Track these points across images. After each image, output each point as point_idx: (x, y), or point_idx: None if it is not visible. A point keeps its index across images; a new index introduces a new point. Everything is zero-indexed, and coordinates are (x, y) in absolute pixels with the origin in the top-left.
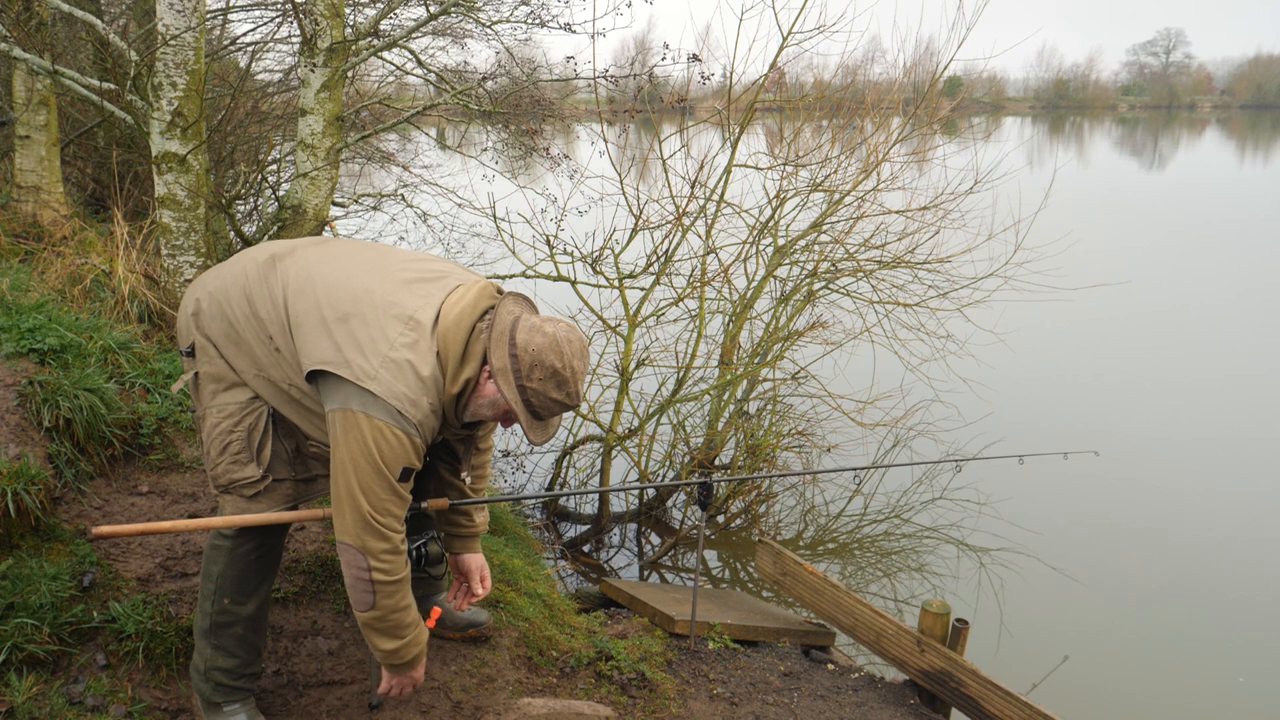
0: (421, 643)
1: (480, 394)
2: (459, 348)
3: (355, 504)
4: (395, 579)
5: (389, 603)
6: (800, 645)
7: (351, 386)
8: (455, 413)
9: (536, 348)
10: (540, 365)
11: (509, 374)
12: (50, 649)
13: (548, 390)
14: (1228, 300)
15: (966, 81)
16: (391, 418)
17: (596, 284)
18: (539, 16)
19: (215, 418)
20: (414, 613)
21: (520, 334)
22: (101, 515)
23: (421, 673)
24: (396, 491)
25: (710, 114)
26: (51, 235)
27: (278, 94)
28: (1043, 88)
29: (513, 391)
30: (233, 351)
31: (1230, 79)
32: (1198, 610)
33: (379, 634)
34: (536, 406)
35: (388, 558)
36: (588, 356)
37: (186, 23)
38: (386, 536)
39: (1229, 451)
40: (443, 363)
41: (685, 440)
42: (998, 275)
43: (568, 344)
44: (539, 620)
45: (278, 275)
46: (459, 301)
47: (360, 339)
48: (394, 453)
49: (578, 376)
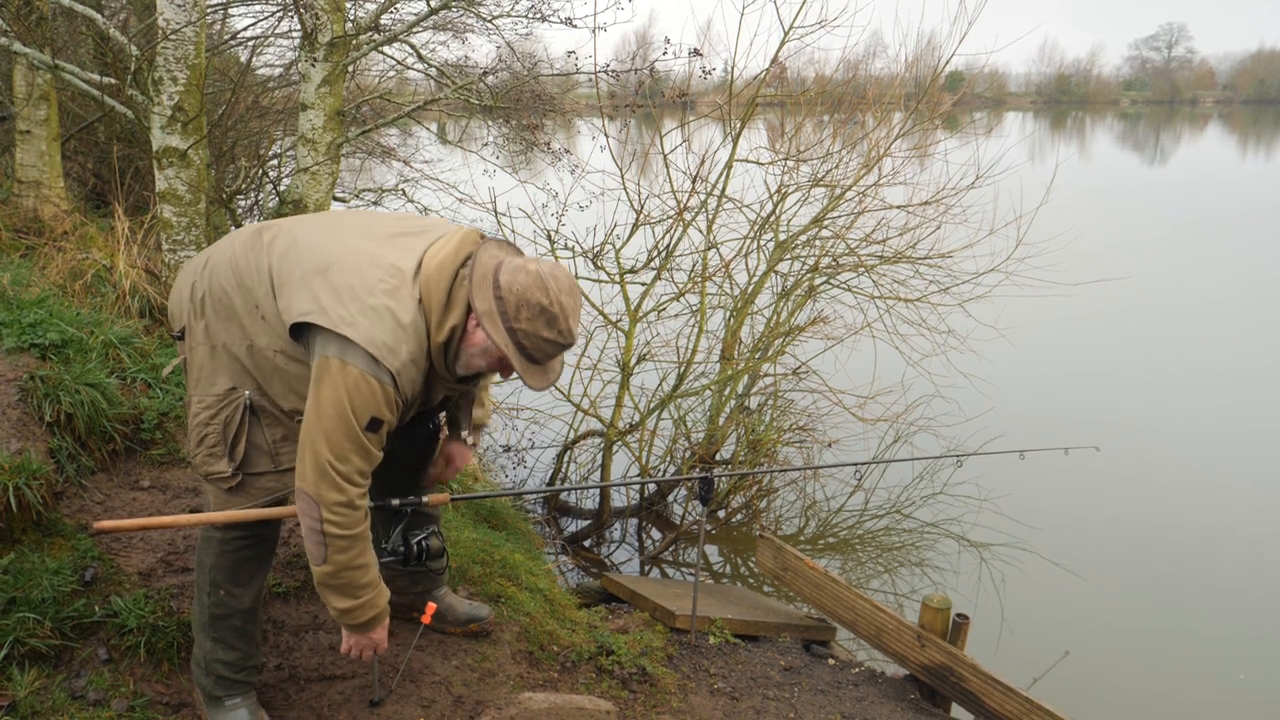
0: (380, 605)
1: (470, 342)
2: (442, 295)
3: (315, 450)
4: (348, 534)
5: (341, 558)
6: (801, 640)
7: (329, 334)
8: (446, 364)
9: (521, 287)
10: (527, 304)
11: (495, 317)
12: (52, 643)
13: (538, 330)
14: (1230, 295)
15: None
16: (366, 365)
17: (597, 279)
18: (540, 11)
19: (196, 407)
20: (372, 573)
21: (504, 276)
22: (103, 510)
23: (381, 636)
24: (361, 442)
25: (711, 109)
26: (52, 230)
27: (278, 89)
28: (1044, 83)
29: (502, 335)
30: (221, 327)
31: (1232, 74)
32: (1199, 605)
33: (332, 591)
34: (529, 349)
35: (341, 510)
36: (578, 293)
37: (187, 17)
38: (342, 488)
39: (1231, 446)
40: (426, 311)
41: (686, 435)
42: (999, 270)
43: (553, 280)
44: (540, 615)
45: (263, 243)
46: (441, 249)
47: (339, 288)
48: (363, 400)
49: (568, 313)
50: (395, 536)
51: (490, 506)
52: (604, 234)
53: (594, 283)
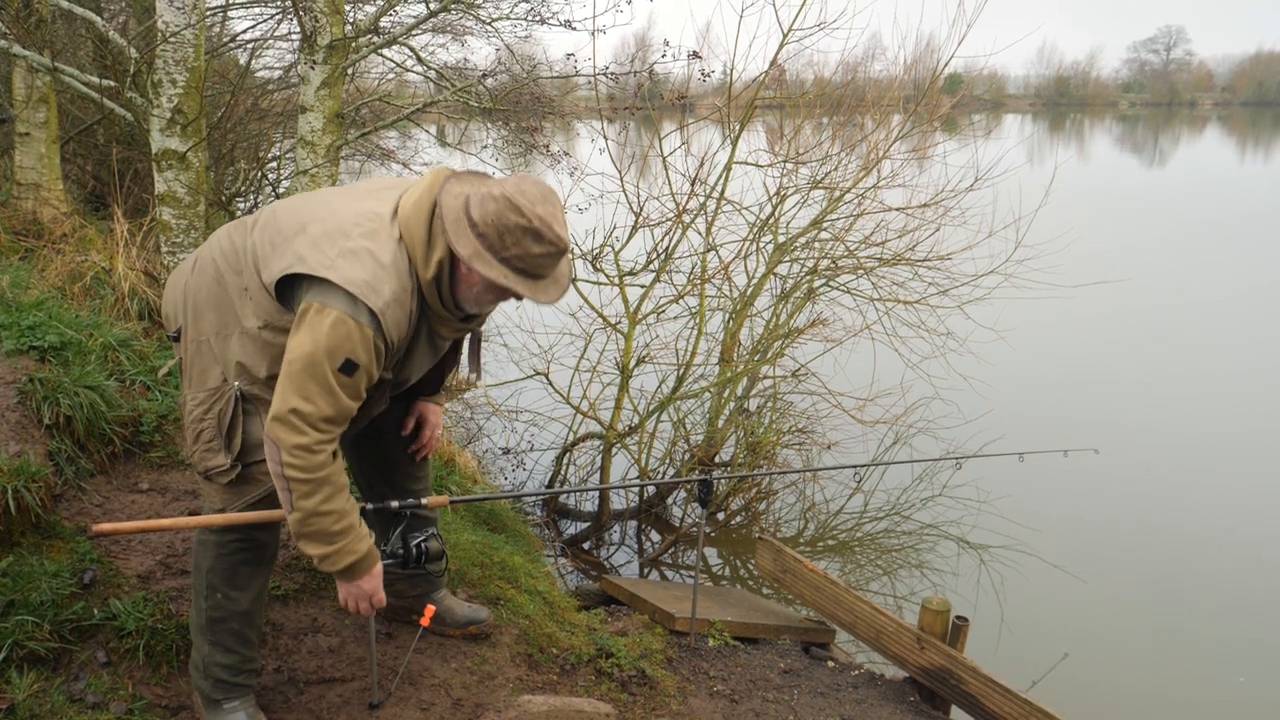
0: (358, 551)
1: (470, 281)
2: (423, 231)
3: (282, 393)
4: (309, 478)
5: (306, 504)
6: (800, 642)
7: (310, 282)
8: (444, 301)
9: (494, 215)
10: (508, 230)
11: (484, 255)
12: (51, 646)
13: (528, 249)
14: (1229, 297)
15: (967, 79)
16: (345, 306)
17: (596, 281)
18: (539, 13)
19: (190, 404)
20: (345, 520)
21: (474, 211)
22: (102, 512)
23: (372, 585)
24: (330, 386)
25: (710, 111)
26: (51, 232)
27: (278, 91)
28: (1043, 85)
29: (497, 269)
30: (210, 320)
31: (1231, 76)
32: (1198, 608)
33: (304, 539)
34: (528, 269)
35: (299, 453)
36: (552, 198)
37: (186, 20)
38: (301, 431)
39: (1230, 448)
40: (409, 249)
41: (685, 438)
42: (998, 272)
43: (521, 196)
44: (539, 617)
45: (245, 228)
46: (415, 191)
47: (317, 238)
48: (337, 341)
49: (549, 221)
50: (394, 539)
51: (489, 509)
52: (603, 236)
53: (593, 285)
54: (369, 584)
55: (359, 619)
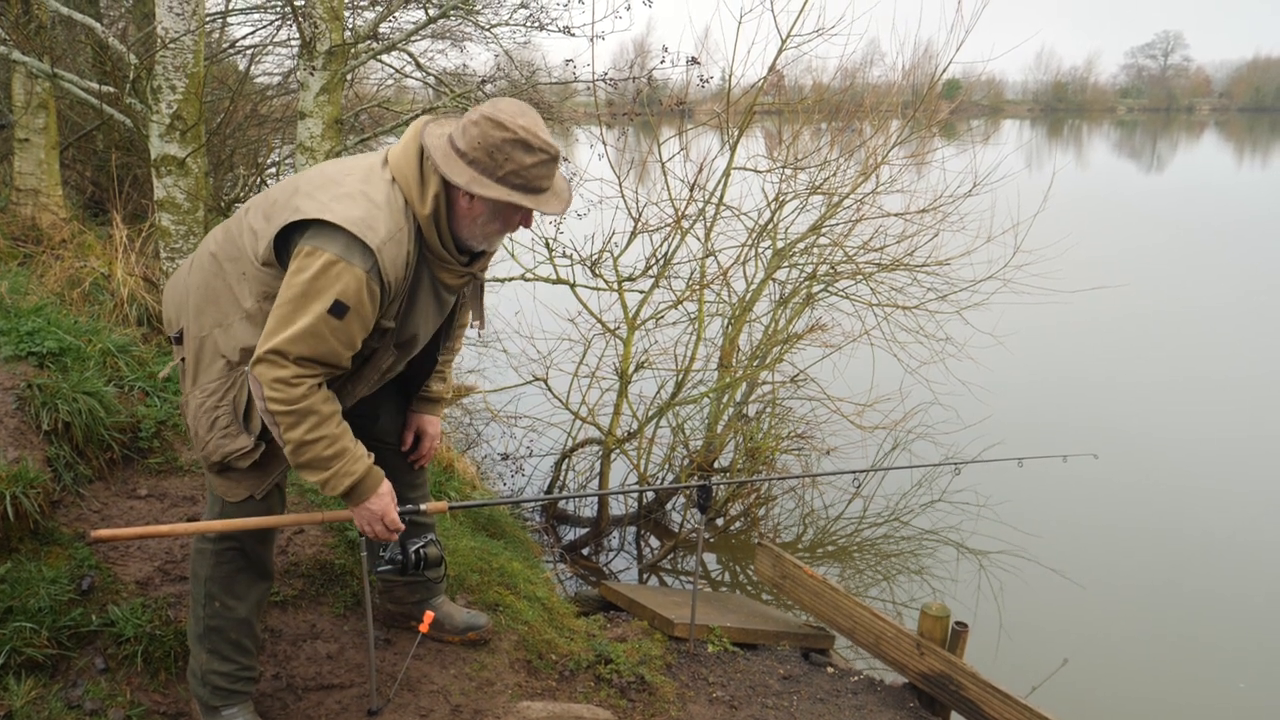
0: (356, 473)
1: (472, 213)
2: (414, 170)
3: (267, 332)
4: (292, 408)
5: (294, 435)
6: (800, 648)
7: (305, 229)
8: (444, 241)
9: (479, 138)
10: (496, 149)
11: (480, 179)
12: (49, 653)
13: (520, 161)
14: (1227, 303)
15: (965, 84)
16: (341, 248)
17: (595, 287)
18: (538, 20)
19: (199, 398)
20: (338, 444)
21: (460, 142)
22: (100, 519)
23: (382, 506)
24: (318, 328)
25: (709, 117)
26: (50, 238)
27: (277, 97)
28: (1041, 90)
29: (496, 189)
30: (210, 314)
31: (1228, 81)
32: (1198, 613)
33: (302, 469)
34: (527, 183)
35: (279, 386)
36: (531, 111)
37: (186, 26)
38: (281, 365)
39: (1229, 454)
40: (403, 189)
41: (684, 443)
42: (997, 278)
43: (502, 113)
44: (538, 623)
45: (239, 215)
46: (400, 141)
47: (311, 191)
48: (328, 283)
49: (533, 129)
50: (393, 545)
51: (488, 515)
52: (602, 242)
53: (592, 290)
54: (377, 504)
55: (358, 625)
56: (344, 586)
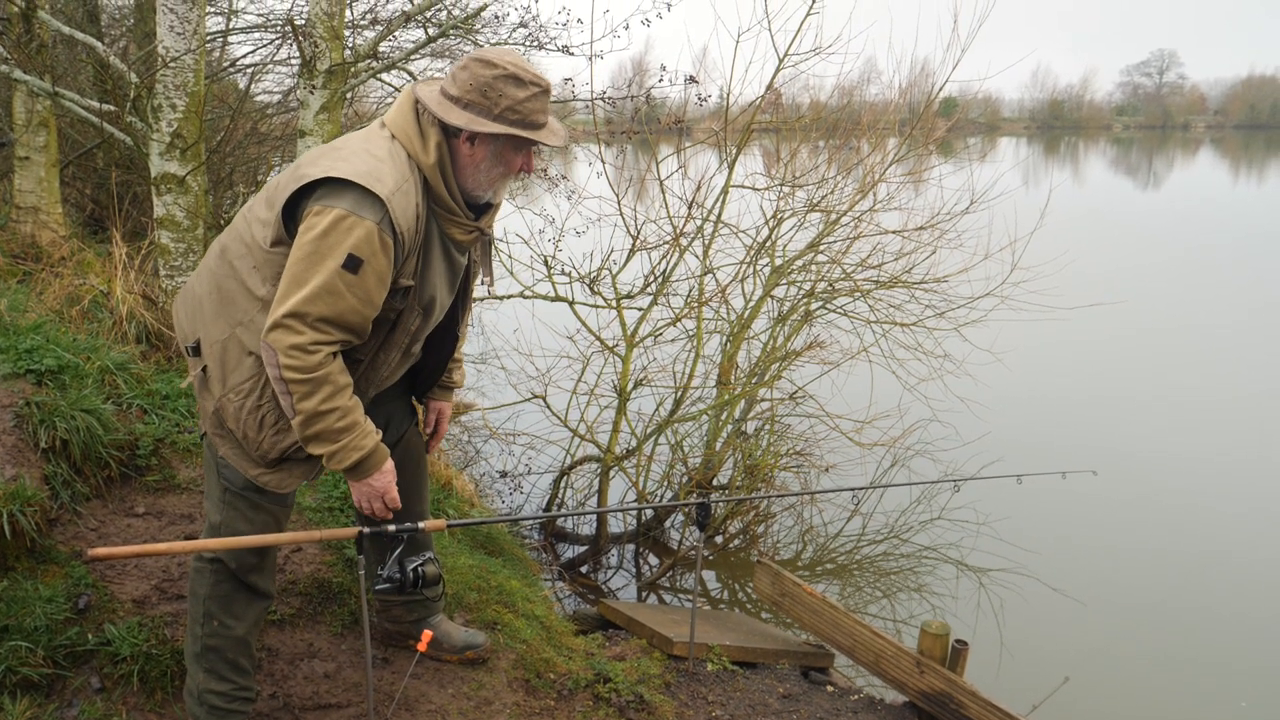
0: (364, 447)
1: (475, 159)
2: (413, 125)
3: (281, 296)
4: (307, 377)
5: (307, 405)
6: (799, 667)
7: (312, 187)
8: (452, 194)
9: (470, 80)
10: (489, 87)
11: (480, 119)
12: (44, 672)
13: (514, 95)
14: (1226, 320)
15: (962, 102)
16: (350, 203)
17: (594, 304)
18: (537, 39)
19: (236, 401)
20: (349, 418)
21: (452, 90)
22: (97, 537)
23: (384, 483)
24: (333, 284)
25: (707, 135)
26: (50, 256)
27: (277, 115)
28: (1038, 108)
29: (495, 126)
30: (227, 314)
31: (1223, 99)
32: (1199, 631)
33: (310, 441)
34: (524, 118)
35: (295, 354)
36: (511, 50)
37: (186, 45)
38: (298, 330)
39: (1228, 470)
40: (404, 143)
41: (683, 460)
42: (994, 295)
43: (489, 54)
44: (536, 642)
45: (241, 214)
46: (395, 103)
47: (313, 161)
48: (340, 237)
49: (520, 64)
50: (391, 563)
51: (487, 532)
52: (601, 259)
53: (590, 308)
54: (379, 481)
55: (356, 644)
56: (342, 605)
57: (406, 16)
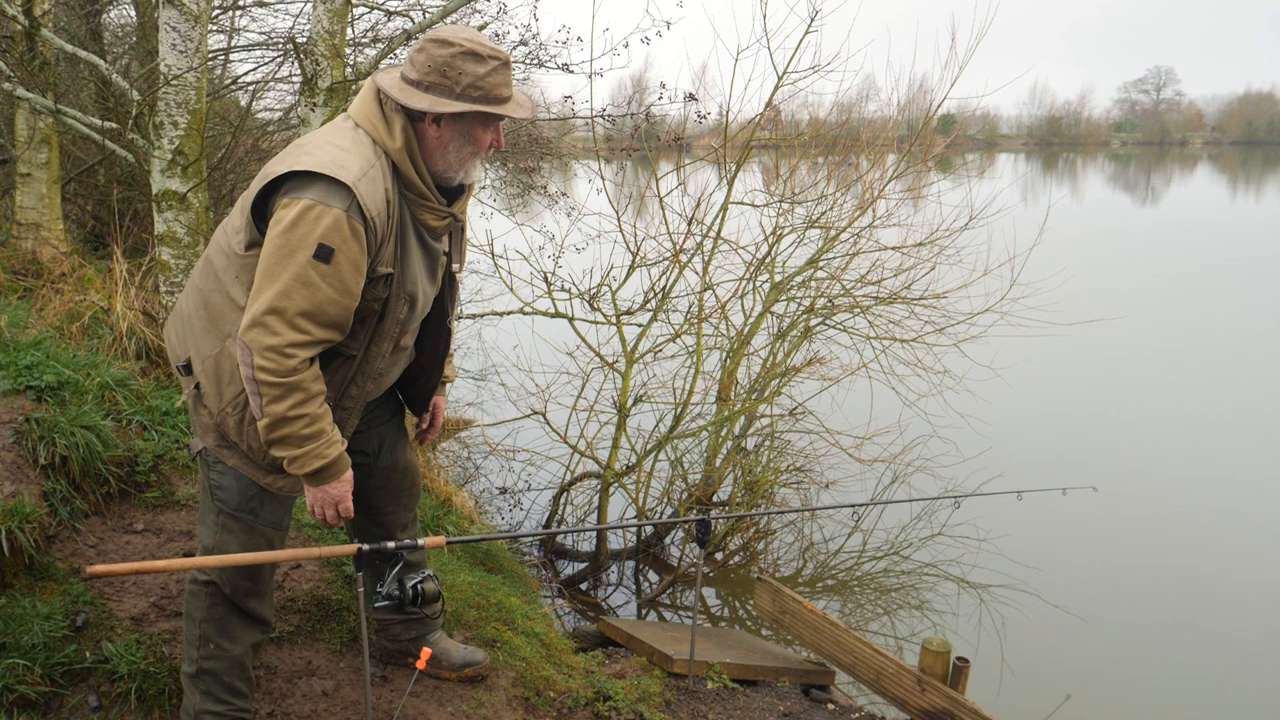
0: (328, 456)
1: (442, 141)
2: (376, 112)
3: (255, 294)
4: (280, 381)
5: (276, 409)
6: (800, 684)
7: (277, 182)
8: (422, 176)
9: (429, 62)
10: (449, 66)
11: (441, 99)
12: (42, 690)
13: (475, 71)
14: (1226, 336)
15: (960, 119)
16: (318, 192)
17: (594, 321)
18: (537, 57)
19: (235, 414)
20: (317, 425)
21: (411, 74)
22: (96, 554)
23: (340, 492)
24: (306, 276)
25: (707, 151)
26: (50, 272)
27: (278, 132)
28: (1036, 124)
29: (458, 104)
30: (214, 329)
31: (1220, 115)
32: (1201, 648)
33: (273, 444)
34: (487, 93)
35: (271, 356)
36: (467, 29)
37: (188, 63)
38: (275, 331)
39: (1229, 486)
40: (369, 132)
41: (683, 477)
42: (994, 310)
43: (443, 33)
44: (536, 660)
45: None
46: (358, 95)
47: (279, 159)
48: (308, 228)
49: (475, 40)
50: (390, 581)
51: (486, 549)
52: (600, 276)
53: (590, 324)
54: (336, 489)
55: (355, 662)
56: (340, 622)
57: (407, 35)
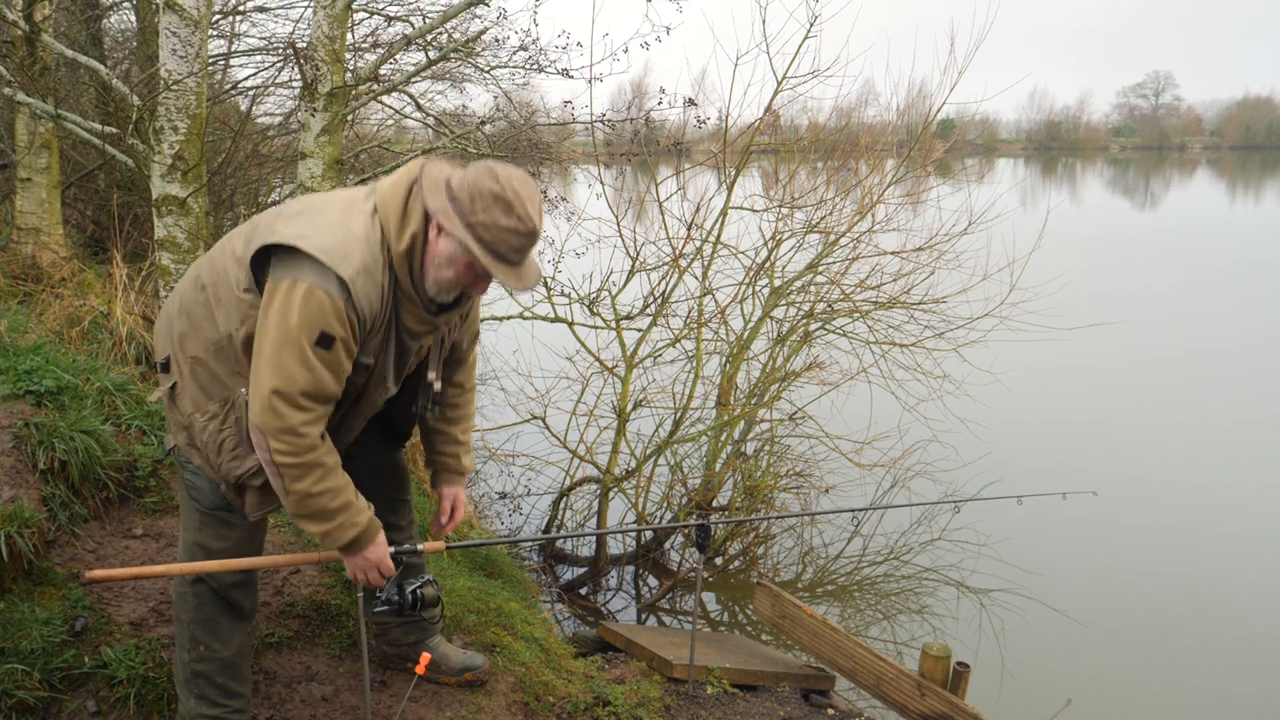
0: (359, 524)
1: (434, 253)
2: (398, 206)
3: (259, 378)
4: (299, 461)
5: (299, 487)
6: (800, 689)
7: (279, 255)
8: (414, 282)
9: (472, 179)
10: (480, 195)
11: (452, 215)
12: (40, 695)
13: (496, 220)
14: (1224, 340)
15: (959, 124)
16: (314, 276)
17: (594, 325)
18: (537, 62)
19: (201, 422)
20: (341, 497)
21: (455, 179)
22: (95, 558)
23: (379, 555)
24: (308, 360)
25: (706, 157)
26: (50, 277)
27: (278, 137)
28: (1035, 129)
29: (461, 231)
30: (197, 339)
31: (1219, 120)
32: (1201, 653)
33: (303, 519)
34: (492, 243)
35: (286, 438)
36: (531, 183)
37: (189, 68)
38: (283, 415)
39: (1228, 492)
40: (383, 222)
41: (683, 481)
42: (993, 315)
43: (503, 169)
44: (535, 665)
45: (224, 240)
46: (393, 174)
47: (291, 217)
48: (310, 313)
49: (523, 198)
50: (389, 585)
51: (485, 554)
52: (600, 281)
53: (590, 329)
54: (374, 553)
55: (354, 666)
56: (340, 627)
57: (407, 40)
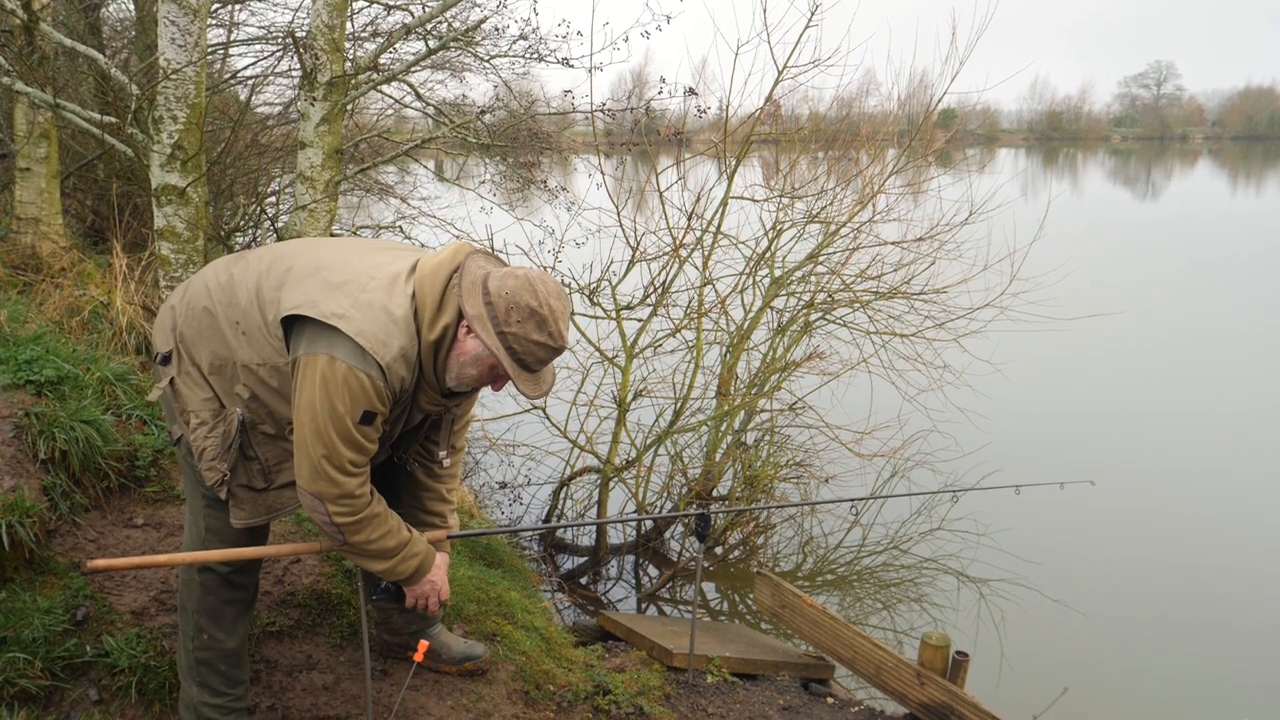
0: (419, 553)
1: (461, 350)
2: (436, 295)
3: (309, 449)
4: (358, 518)
5: (359, 539)
6: (799, 678)
7: (318, 326)
8: (435, 371)
9: (511, 290)
10: (517, 307)
11: (486, 321)
12: (42, 684)
13: (528, 333)
14: (1225, 330)
15: (960, 114)
16: (355, 358)
17: (594, 315)
18: (537, 51)
19: (194, 423)
20: (398, 536)
21: (493, 282)
22: (96, 548)
23: (438, 578)
24: (353, 438)
25: (707, 146)
26: (50, 267)
27: (277, 127)
28: (1036, 120)
29: (493, 339)
30: (201, 348)
31: (1221, 110)
32: (1200, 643)
33: (363, 559)
34: (521, 354)
35: (346, 502)
36: (565, 298)
37: (188, 57)
38: (339, 483)
39: (1228, 482)
40: (419, 307)
41: (683, 471)
42: (994, 305)
43: (541, 284)
44: (536, 654)
45: (246, 262)
46: (435, 256)
47: (332, 284)
48: (354, 395)
49: (557, 316)
50: None
51: (486, 543)
52: (600, 270)
53: (590, 319)
54: (437, 575)
55: (355, 655)
56: (340, 616)
57: (407, 29)
